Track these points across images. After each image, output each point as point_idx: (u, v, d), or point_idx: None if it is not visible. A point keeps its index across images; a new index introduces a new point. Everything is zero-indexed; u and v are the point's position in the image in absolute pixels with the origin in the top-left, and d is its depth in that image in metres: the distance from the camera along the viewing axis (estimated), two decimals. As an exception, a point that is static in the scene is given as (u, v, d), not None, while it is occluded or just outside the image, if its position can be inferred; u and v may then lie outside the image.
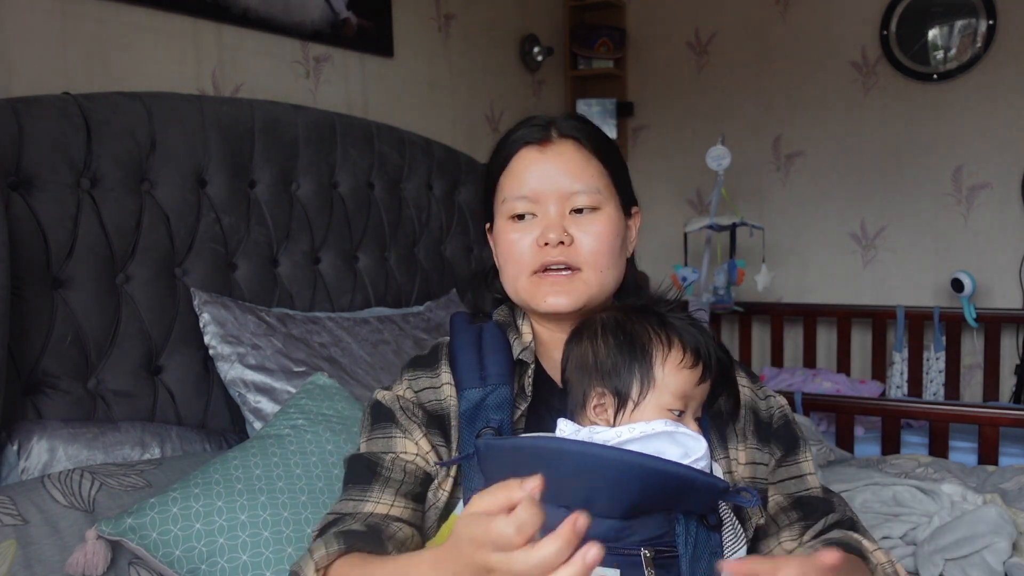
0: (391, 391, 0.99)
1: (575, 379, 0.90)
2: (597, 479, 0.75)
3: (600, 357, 0.87)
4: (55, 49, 1.58)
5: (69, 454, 1.31)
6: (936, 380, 2.91)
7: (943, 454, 2.03)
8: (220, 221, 1.66)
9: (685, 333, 0.88)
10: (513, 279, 0.98)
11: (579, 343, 0.91)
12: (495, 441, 0.84)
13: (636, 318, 0.90)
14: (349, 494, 0.94)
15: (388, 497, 0.93)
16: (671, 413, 0.85)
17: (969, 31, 2.91)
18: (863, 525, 0.98)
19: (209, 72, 1.89)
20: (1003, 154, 2.91)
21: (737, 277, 2.84)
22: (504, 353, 0.97)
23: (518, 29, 3.06)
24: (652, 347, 0.87)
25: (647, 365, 0.86)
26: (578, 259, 0.95)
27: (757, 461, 0.97)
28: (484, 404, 0.93)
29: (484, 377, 0.94)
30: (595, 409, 0.87)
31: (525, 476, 0.69)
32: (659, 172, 3.47)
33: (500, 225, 0.99)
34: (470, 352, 0.97)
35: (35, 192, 1.37)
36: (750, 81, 3.27)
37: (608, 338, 0.88)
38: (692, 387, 0.87)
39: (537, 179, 0.96)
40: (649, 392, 0.85)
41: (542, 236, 0.94)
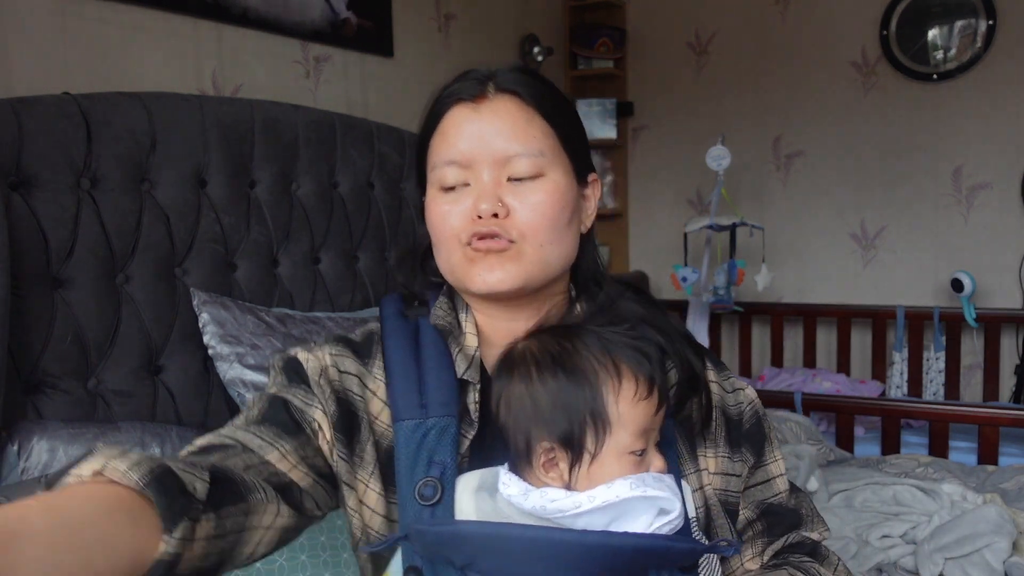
0: (313, 354, 0.84)
1: (513, 426, 0.74)
2: (554, 562, 0.67)
3: (540, 401, 0.72)
4: (55, 49, 1.58)
5: (69, 454, 1.31)
6: (936, 380, 2.91)
7: (943, 454, 2.03)
8: (220, 221, 1.66)
9: (632, 355, 0.74)
10: (446, 258, 0.84)
11: (511, 381, 0.75)
12: (430, 529, 0.70)
13: (572, 344, 0.75)
14: (260, 431, 0.77)
15: (296, 458, 0.77)
16: (633, 456, 0.73)
17: (969, 31, 2.91)
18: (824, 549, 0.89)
19: (209, 72, 1.89)
20: (1003, 154, 2.91)
21: (737, 277, 2.84)
22: (447, 371, 0.82)
23: (518, 29, 3.06)
24: (600, 381, 0.72)
25: (600, 404, 0.71)
26: (513, 232, 0.81)
27: (729, 472, 0.87)
28: (425, 442, 0.78)
29: (424, 405, 0.80)
30: (544, 466, 0.73)
31: (464, 558, 0.68)
32: (659, 172, 3.47)
33: (430, 196, 0.86)
34: (407, 367, 0.83)
35: (35, 192, 1.37)
36: (750, 81, 3.27)
37: (546, 378, 0.73)
38: (651, 419, 0.74)
39: (469, 142, 0.82)
40: (607, 438, 0.71)
41: (474, 207, 0.81)
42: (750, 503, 0.88)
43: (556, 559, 0.66)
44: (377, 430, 0.82)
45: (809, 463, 1.73)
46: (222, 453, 0.72)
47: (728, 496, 0.86)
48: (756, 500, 0.88)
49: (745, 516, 0.88)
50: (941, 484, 1.65)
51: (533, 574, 0.67)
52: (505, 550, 0.67)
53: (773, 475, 0.89)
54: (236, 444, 0.75)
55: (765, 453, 0.90)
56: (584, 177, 0.89)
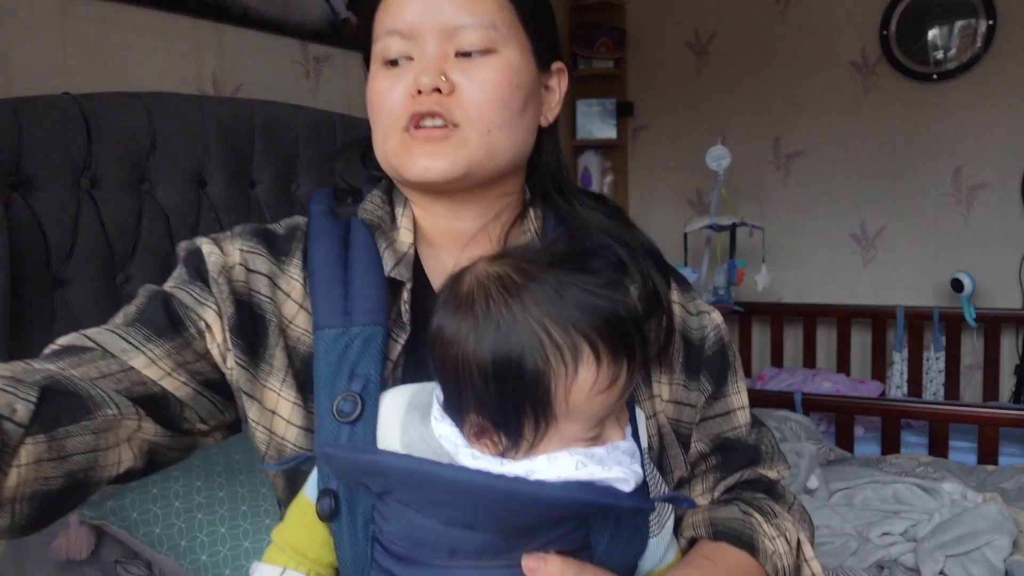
0: (221, 247, 0.75)
1: (445, 376, 0.63)
2: (481, 510, 0.60)
3: (475, 376, 0.60)
4: (55, 49, 1.58)
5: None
6: (936, 380, 2.91)
7: (943, 454, 2.03)
8: (220, 221, 1.66)
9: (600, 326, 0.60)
10: (383, 140, 0.76)
11: (449, 321, 0.62)
12: (341, 455, 0.63)
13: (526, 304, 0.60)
14: (129, 333, 0.69)
15: (171, 362, 0.69)
16: (584, 443, 0.62)
17: (969, 31, 2.91)
18: (780, 488, 0.83)
19: (209, 72, 1.89)
20: (1003, 154, 2.91)
21: (737, 277, 2.84)
22: (376, 274, 0.73)
23: (518, 29, 3.07)
24: (550, 376, 0.59)
25: (546, 399, 0.59)
26: (456, 112, 0.72)
27: (683, 401, 0.80)
28: (348, 353, 0.69)
29: (350, 312, 0.70)
30: (474, 435, 0.62)
31: (380, 486, 0.61)
32: (659, 172, 3.47)
33: (372, 73, 0.78)
34: (332, 269, 0.73)
35: (35, 192, 1.37)
36: (750, 81, 3.27)
37: (485, 347, 0.59)
38: (611, 406, 0.62)
39: (415, 10, 0.73)
40: (549, 431, 0.61)
41: (415, 82, 0.72)
42: (705, 435, 0.81)
43: (481, 507, 0.59)
44: (292, 335, 0.73)
45: (809, 461, 1.73)
46: (75, 358, 0.66)
47: (680, 427, 0.80)
48: (713, 433, 0.81)
49: (698, 449, 0.81)
50: (941, 483, 1.65)
51: (457, 512, 0.60)
52: (425, 488, 0.60)
53: (733, 407, 0.83)
54: (96, 348, 0.67)
55: (727, 383, 0.83)
56: (547, 64, 0.81)
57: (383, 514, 0.63)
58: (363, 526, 0.64)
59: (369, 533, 0.63)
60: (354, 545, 0.64)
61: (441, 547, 0.61)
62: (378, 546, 0.63)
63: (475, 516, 0.60)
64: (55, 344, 0.69)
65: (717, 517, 0.76)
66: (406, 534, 0.62)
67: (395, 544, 0.62)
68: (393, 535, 0.62)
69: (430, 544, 0.61)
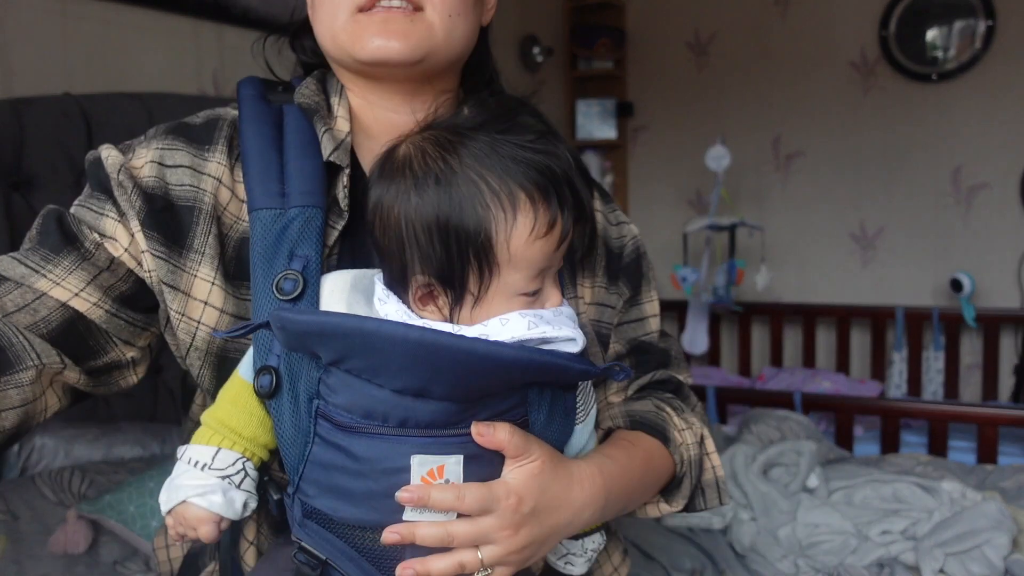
0: (125, 156, 0.73)
1: (385, 246, 0.64)
2: (438, 370, 0.60)
3: (418, 231, 0.62)
4: (55, 49, 1.58)
5: (70, 454, 1.31)
6: (935, 380, 2.91)
7: (942, 453, 2.03)
8: (220, 221, 1.67)
9: (533, 176, 0.62)
10: (329, 18, 0.73)
11: (387, 191, 0.64)
12: (299, 317, 0.61)
13: (462, 160, 0.62)
14: (27, 256, 0.69)
15: (77, 281, 0.68)
16: (524, 298, 0.65)
17: (968, 31, 2.91)
18: (686, 389, 0.89)
19: (209, 72, 1.89)
20: (1002, 154, 2.91)
21: (737, 277, 2.84)
22: (313, 158, 0.72)
23: (518, 29, 3.07)
24: (491, 218, 0.61)
25: (487, 246, 0.62)
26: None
27: (604, 303, 0.84)
28: (286, 234, 0.68)
29: (285, 194, 0.70)
30: (420, 299, 0.64)
31: (334, 354, 0.60)
32: (659, 172, 3.47)
33: None
34: (265, 152, 0.72)
35: (36, 192, 1.37)
36: (750, 81, 3.27)
37: (426, 201, 0.62)
38: (549, 256, 0.64)
39: None
40: (493, 281, 0.63)
41: None
42: (622, 338, 0.86)
43: (440, 368, 0.59)
44: (225, 222, 0.72)
45: (810, 459, 1.73)
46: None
47: (601, 328, 0.84)
48: (628, 336, 0.86)
49: (615, 350, 0.85)
50: (940, 482, 1.65)
51: (412, 376, 0.60)
52: (382, 350, 0.59)
53: (647, 314, 0.88)
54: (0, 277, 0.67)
55: (641, 291, 0.88)
56: None
57: (330, 386, 0.62)
58: (306, 401, 0.63)
59: (312, 408, 0.63)
60: (296, 421, 0.64)
61: (392, 417, 0.61)
62: (322, 420, 0.63)
63: (432, 380, 0.60)
64: None
65: (633, 410, 0.82)
66: (355, 405, 0.61)
67: (342, 415, 0.62)
68: (341, 407, 0.62)
69: (380, 415, 0.61)
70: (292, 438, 0.64)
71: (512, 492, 0.63)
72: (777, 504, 1.60)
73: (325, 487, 0.63)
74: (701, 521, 1.62)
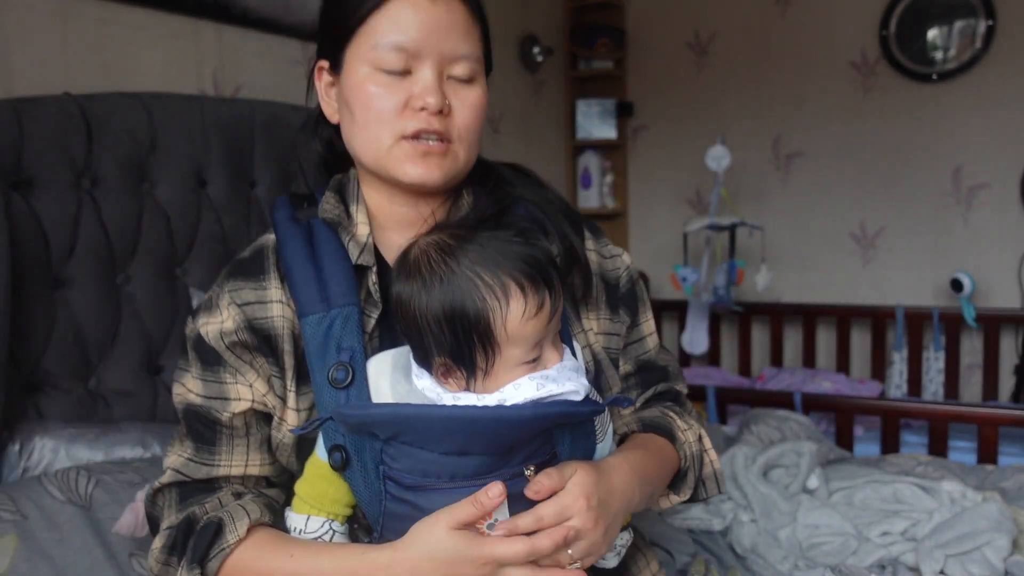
0: (214, 323, 0.86)
1: (411, 331, 0.79)
2: (473, 436, 0.74)
3: (431, 323, 0.76)
4: (55, 49, 1.58)
5: (71, 454, 1.31)
6: (935, 380, 2.91)
7: (942, 453, 2.03)
8: (220, 221, 1.66)
9: (521, 267, 0.76)
10: (372, 140, 0.85)
11: (405, 287, 0.78)
12: (352, 412, 0.76)
13: (459, 262, 0.76)
14: (197, 455, 0.87)
15: (240, 456, 0.87)
16: (527, 366, 0.77)
17: (968, 31, 2.91)
18: (684, 398, 1.03)
19: (209, 72, 1.89)
20: (1003, 154, 2.91)
21: (737, 277, 2.84)
22: (342, 261, 0.86)
23: (518, 29, 3.07)
24: (487, 309, 0.75)
25: (488, 332, 0.75)
26: (452, 132, 0.86)
27: (610, 332, 0.97)
28: (331, 332, 0.82)
29: (327, 299, 0.83)
30: (442, 374, 0.78)
31: (388, 433, 0.75)
32: (659, 172, 3.47)
33: (361, 72, 0.85)
34: (305, 267, 0.85)
35: (35, 192, 1.37)
36: (750, 81, 3.27)
37: (435, 299, 0.76)
38: (543, 330, 0.77)
39: (421, 31, 0.83)
40: (496, 357, 0.76)
41: (418, 98, 0.83)
42: (628, 359, 0.99)
43: (473, 433, 0.73)
44: (293, 332, 0.86)
45: (810, 460, 1.73)
46: (206, 496, 0.86)
47: (611, 353, 0.97)
48: (633, 356, 0.99)
49: (625, 369, 0.99)
50: (941, 483, 1.65)
51: (452, 443, 0.74)
52: (422, 428, 0.74)
53: (645, 334, 1.01)
54: (203, 480, 0.87)
55: (639, 314, 1.00)
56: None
57: (391, 455, 0.76)
58: (374, 468, 0.77)
59: (380, 473, 0.77)
60: (367, 484, 0.78)
61: (443, 474, 0.75)
62: (390, 482, 0.77)
63: (468, 443, 0.74)
64: (170, 492, 0.87)
65: (643, 416, 0.96)
66: (413, 468, 0.75)
67: (405, 477, 0.76)
68: (402, 470, 0.76)
69: (434, 473, 0.75)
70: (368, 498, 0.79)
71: (578, 495, 0.75)
72: (777, 505, 1.60)
73: (402, 533, 0.76)
74: (701, 523, 1.62)
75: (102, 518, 1.20)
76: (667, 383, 1.01)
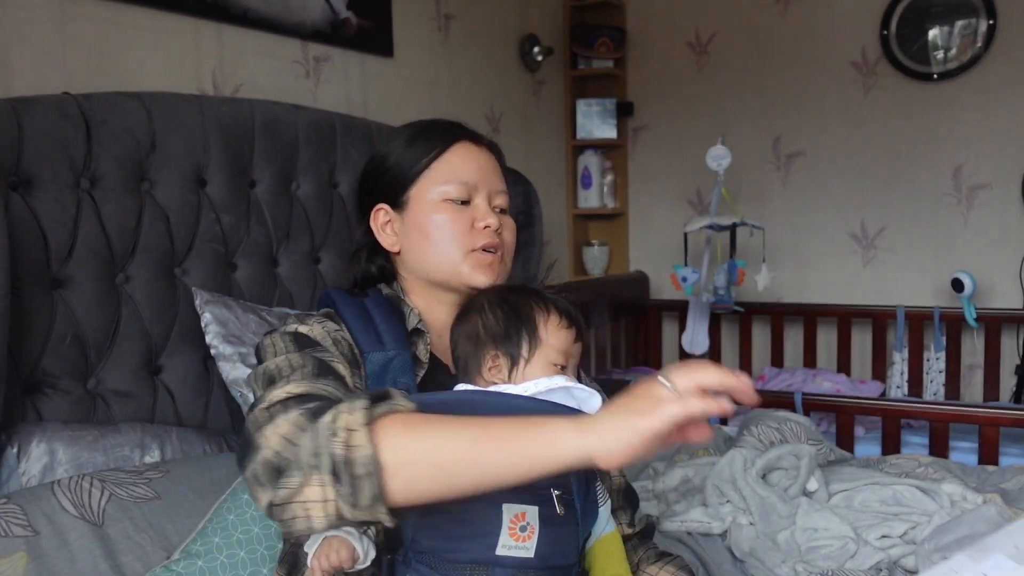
0: (309, 325, 1.00)
1: (467, 351, 1.02)
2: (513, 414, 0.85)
3: (490, 326, 1.01)
4: (55, 49, 1.58)
5: (69, 456, 1.31)
6: (936, 380, 2.91)
7: (943, 454, 2.03)
8: (220, 221, 1.66)
9: (559, 302, 1.04)
10: (446, 254, 1.07)
11: (467, 320, 1.04)
12: (425, 396, 0.91)
13: (515, 293, 1.05)
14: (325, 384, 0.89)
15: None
16: (555, 367, 1.00)
17: (969, 31, 2.91)
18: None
19: (209, 72, 1.89)
20: (1003, 154, 2.91)
21: (737, 277, 2.84)
22: (396, 322, 1.04)
23: (518, 29, 3.06)
24: (534, 313, 1.02)
25: (532, 327, 1.00)
26: (502, 246, 1.10)
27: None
28: (390, 367, 0.99)
29: (382, 342, 1.01)
30: (491, 371, 1.00)
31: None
32: (659, 172, 3.47)
33: (430, 206, 1.08)
34: (364, 321, 1.03)
35: (35, 192, 1.37)
36: (750, 81, 3.27)
37: (496, 310, 1.02)
38: (571, 344, 1.02)
39: (476, 171, 1.10)
40: (536, 350, 1.00)
41: (482, 220, 1.08)
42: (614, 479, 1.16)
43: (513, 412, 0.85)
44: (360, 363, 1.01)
45: (809, 463, 1.72)
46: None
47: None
48: (617, 483, 1.16)
49: (617, 483, 1.16)
50: (941, 484, 1.64)
51: None
52: (493, 410, 0.88)
53: (614, 473, 1.17)
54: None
55: None
56: None
57: None
58: None
59: None
60: None
61: None
62: None
63: None
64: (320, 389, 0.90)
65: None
66: None
67: None
68: None
69: None
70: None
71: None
72: (776, 508, 1.60)
73: (438, 533, 0.87)
74: (700, 526, 1.62)
75: (113, 535, 1.20)
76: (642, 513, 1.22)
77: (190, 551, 1.18)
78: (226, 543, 1.19)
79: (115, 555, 1.18)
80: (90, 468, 1.30)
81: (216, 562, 1.17)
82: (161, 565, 1.16)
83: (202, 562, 1.16)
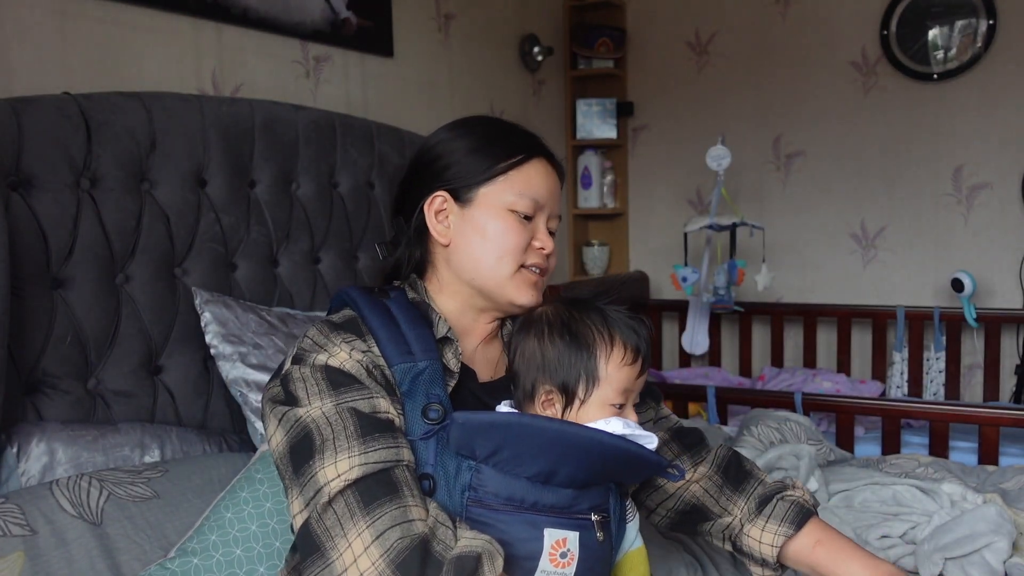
0: (339, 356, 0.94)
1: (524, 371, 0.96)
2: (567, 455, 0.87)
3: (548, 356, 0.94)
4: (55, 49, 1.58)
5: (69, 456, 1.31)
6: (936, 380, 2.90)
7: (943, 454, 2.03)
8: (220, 221, 1.66)
9: (625, 330, 0.96)
10: (497, 264, 1.03)
11: (527, 337, 0.97)
12: (474, 416, 0.89)
13: (580, 315, 0.96)
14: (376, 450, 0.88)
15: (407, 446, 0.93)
16: (613, 408, 0.94)
17: (969, 31, 2.91)
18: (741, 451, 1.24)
19: (209, 72, 1.89)
20: (1003, 154, 2.91)
21: (737, 277, 2.84)
22: (422, 328, 0.99)
23: (518, 29, 3.06)
24: (596, 347, 0.94)
25: (592, 365, 0.93)
26: (548, 268, 1.09)
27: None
28: (421, 379, 0.95)
29: (411, 352, 0.96)
30: (543, 403, 0.95)
31: (491, 447, 0.87)
32: (659, 172, 3.47)
33: (493, 210, 1.04)
34: (389, 328, 0.97)
35: (35, 192, 1.37)
36: (750, 81, 3.27)
37: (555, 338, 0.95)
38: (632, 382, 0.95)
39: (546, 191, 1.07)
40: (594, 390, 0.93)
41: (539, 241, 1.06)
42: (661, 430, 1.16)
43: (568, 447, 0.87)
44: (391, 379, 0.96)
45: (809, 463, 1.73)
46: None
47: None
48: (665, 427, 1.18)
49: (662, 438, 1.15)
50: (941, 484, 1.64)
51: (546, 461, 0.87)
52: (530, 437, 0.87)
53: (668, 413, 1.22)
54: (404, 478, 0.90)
55: (660, 402, 1.23)
56: None
57: (480, 479, 0.89)
58: (459, 494, 0.90)
59: (464, 500, 0.89)
60: (450, 508, 0.90)
61: (527, 500, 0.89)
62: (473, 507, 0.89)
63: (558, 463, 0.87)
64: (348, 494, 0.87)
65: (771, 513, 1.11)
66: (500, 491, 0.89)
67: (491, 499, 0.89)
68: (489, 492, 0.89)
69: (519, 499, 0.88)
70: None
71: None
72: (778, 505, 1.59)
73: None
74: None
75: (112, 535, 1.19)
76: (714, 446, 1.19)
77: (186, 549, 1.18)
78: (223, 541, 1.18)
79: (113, 555, 1.17)
80: (90, 468, 1.30)
81: (212, 560, 1.16)
82: (156, 563, 1.16)
83: (198, 560, 1.16)
